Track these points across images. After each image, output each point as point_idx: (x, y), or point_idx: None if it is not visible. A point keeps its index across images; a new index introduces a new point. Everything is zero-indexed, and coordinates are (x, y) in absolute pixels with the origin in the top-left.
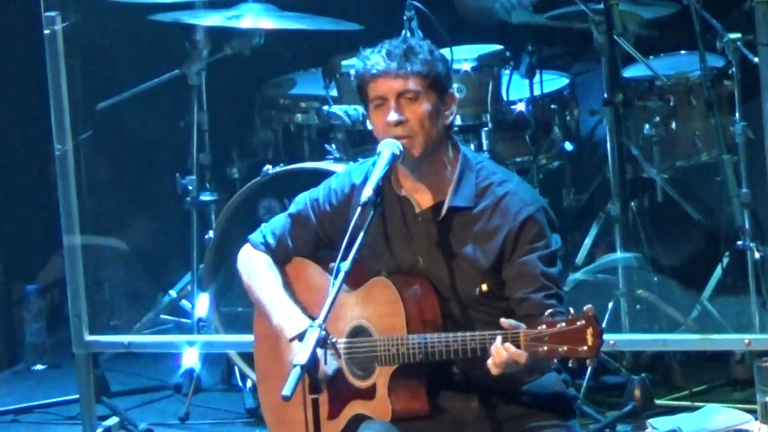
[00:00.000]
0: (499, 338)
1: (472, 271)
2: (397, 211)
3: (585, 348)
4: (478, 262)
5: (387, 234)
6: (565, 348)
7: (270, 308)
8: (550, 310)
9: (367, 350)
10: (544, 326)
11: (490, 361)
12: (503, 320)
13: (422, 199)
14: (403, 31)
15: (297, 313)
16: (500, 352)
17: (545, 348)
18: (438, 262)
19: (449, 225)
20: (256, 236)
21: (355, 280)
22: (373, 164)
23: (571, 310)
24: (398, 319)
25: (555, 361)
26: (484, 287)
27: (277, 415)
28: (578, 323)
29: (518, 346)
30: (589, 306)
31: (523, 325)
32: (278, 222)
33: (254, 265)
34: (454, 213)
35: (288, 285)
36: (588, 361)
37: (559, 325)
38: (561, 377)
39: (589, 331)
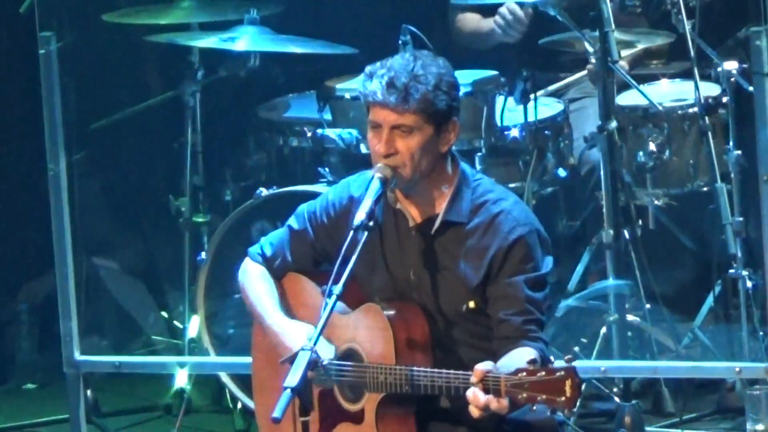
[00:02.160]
0: (475, 387)
1: (461, 287)
2: (391, 223)
3: (563, 399)
4: (467, 278)
5: (381, 246)
6: (544, 397)
7: (266, 317)
8: (531, 357)
9: (357, 375)
10: (525, 374)
11: (471, 408)
12: (477, 368)
13: (416, 212)
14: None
15: (291, 321)
16: (478, 399)
17: (524, 395)
18: (429, 277)
19: (442, 239)
20: (254, 248)
21: (350, 297)
22: (368, 186)
23: (552, 359)
24: (388, 347)
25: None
26: (472, 304)
27: (270, 428)
28: (558, 374)
29: (498, 392)
30: (569, 356)
31: (495, 367)
32: (277, 234)
33: (250, 277)
34: (448, 228)
35: (283, 299)
36: (565, 412)
37: (539, 374)
38: None
39: (568, 382)
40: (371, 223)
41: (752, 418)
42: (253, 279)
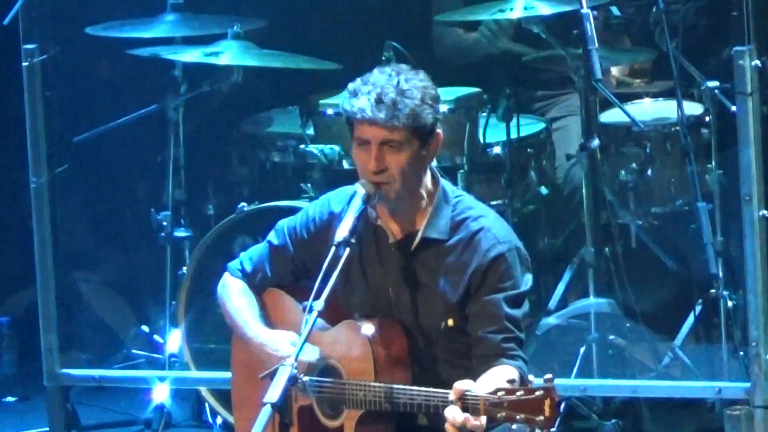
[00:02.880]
0: (453, 405)
1: (441, 304)
2: (371, 240)
3: (542, 418)
4: (446, 295)
5: (361, 263)
6: (523, 416)
7: (246, 329)
8: (510, 377)
9: (337, 391)
10: (504, 393)
11: (446, 425)
12: (456, 386)
13: (396, 229)
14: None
15: (273, 330)
16: (455, 417)
17: (503, 414)
18: (408, 293)
19: (421, 256)
20: (234, 263)
21: (329, 313)
22: (349, 202)
23: (531, 378)
24: (367, 363)
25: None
26: (450, 322)
27: None
28: (537, 393)
29: (477, 411)
30: (548, 375)
31: (473, 385)
32: (257, 250)
33: (230, 291)
34: (427, 244)
35: (263, 314)
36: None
37: (518, 393)
38: None
39: (547, 402)
40: (353, 240)
41: None
42: (233, 293)
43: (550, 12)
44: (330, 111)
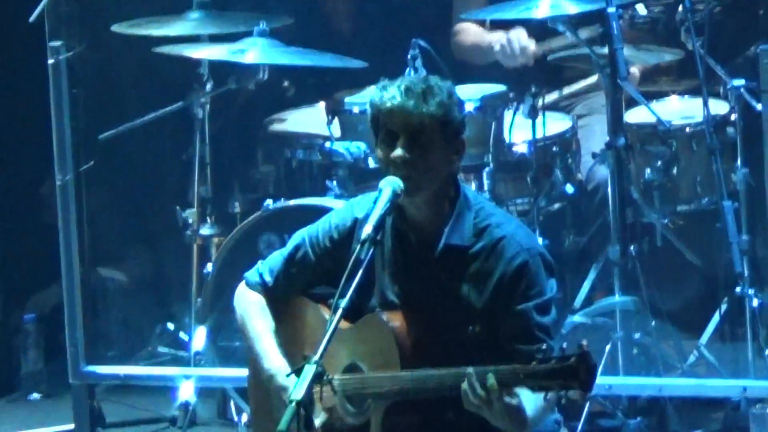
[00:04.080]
0: (491, 375)
1: (464, 312)
2: (394, 245)
3: (577, 383)
4: (471, 302)
5: (384, 268)
6: (557, 383)
7: (260, 356)
8: (544, 347)
9: (361, 387)
10: (536, 362)
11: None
12: None
13: (419, 235)
14: (408, 69)
15: (283, 364)
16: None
17: (537, 384)
18: (431, 300)
19: (444, 263)
20: (252, 274)
21: (351, 315)
22: (375, 200)
23: (564, 345)
24: (392, 356)
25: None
26: (476, 329)
27: None
28: (571, 359)
29: (512, 383)
30: (584, 341)
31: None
32: (275, 259)
33: (248, 308)
34: (450, 251)
35: (282, 324)
36: (579, 396)
37: (552, 362)
38: (553, 417)
39: (582, 366)
40: (378, 237)
41: None
42: (252, 312)
43: (576, 11)
44: (356, 109)
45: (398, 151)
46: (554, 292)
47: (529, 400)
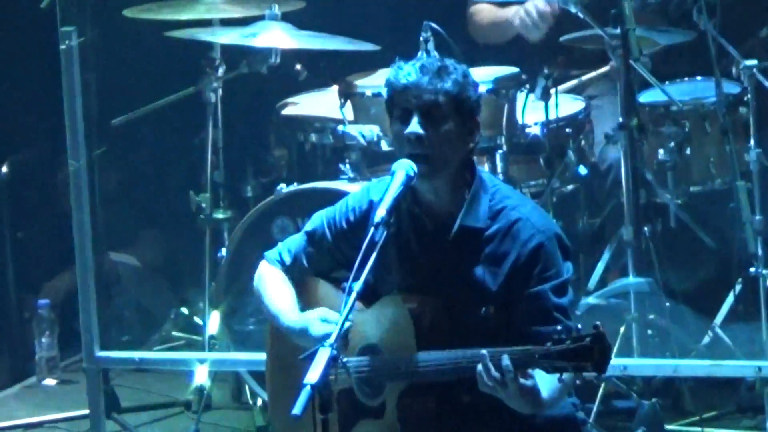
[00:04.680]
0: (505, 356)
1: (479, 293)
2: (409, 228)
3: (591, 364)
4: (486, 284)
5: (399, 251)
6: (572, 365)
7: (282, 319)
8: (559, 328)
9: (377, 369)
10: (551, 343)
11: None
12: None
13: (435, 217)
14: (420, 52)
15: (306, 314)
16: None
17: (552, 365)
18: (446, 282)
19: (460, 245)
20: (272, 253)
21: (366, 297)
22: (389, 185)
23: (579, 326)
24: (408, 337)
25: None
26: (490, 310)
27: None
28: (586, 339)
29: (528, 364)
30: (598, 323)
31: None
32: (295, 241)
33: (269, 281)
34: (466, 233)
35: (302, 303)
36: (594, 378)
37: (566, 343)
38: (570, 400)
39: (597, 347)
40: (392, 220)
41: None
42: (270, 283)
43: None
44: (368, 92)
45: (413, 126)
46: (570, 274)
47: (545, 381)
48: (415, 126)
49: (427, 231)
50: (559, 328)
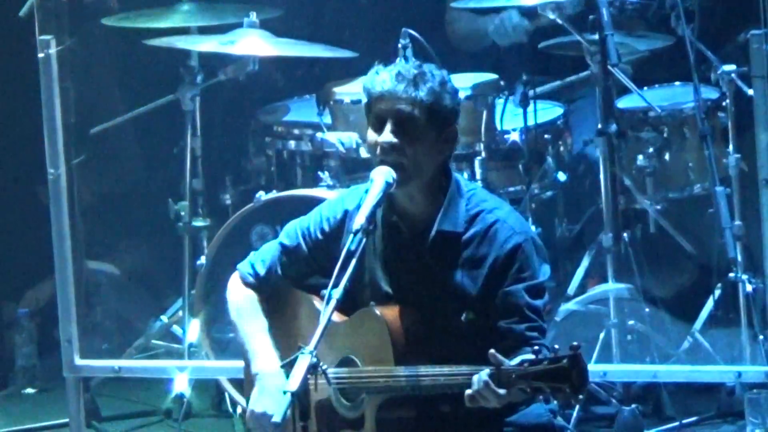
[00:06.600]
0: (486, 371)
1: (459, 299)
2: (385, 236)
3: (569, 387)
4: (465, 289)
5: (375, 259)
6: (549, 386)
7: (251, 356)
8: (536, 347)
9: (356, 381)
10: (529, 364)
11: (468, 391)
12: (492, 351)
13: (411, 224)
14: (398, 59)
15: (276, 364)
16: (481, 384)
17: (529, 386)
18: (424, 289)
19: (438, 250)
20: (244, 266)
21: (344, 308)
22: (366, 191)
23: (557, 347)
24: (386, 351)
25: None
26: (470, 315)
27: None
28: (563, 361)
29: (503, 383)
30: (575, 344)
31: (507, 361)
32: (268, 251)
33: (242, 304)
34: (443, 238)
35: (276, 318)
36: (572, 400)
37: (544, 363)
38: (548, 407)
39: (574, 370)
40: (371, 227)
41: (752, 422)
42: (245, 309)
43: None
44: (347, 99)
45: (386, 136)
46: (546, 277)
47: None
48: (387, 135)
49: (404, 238)
50: (534, 325)
